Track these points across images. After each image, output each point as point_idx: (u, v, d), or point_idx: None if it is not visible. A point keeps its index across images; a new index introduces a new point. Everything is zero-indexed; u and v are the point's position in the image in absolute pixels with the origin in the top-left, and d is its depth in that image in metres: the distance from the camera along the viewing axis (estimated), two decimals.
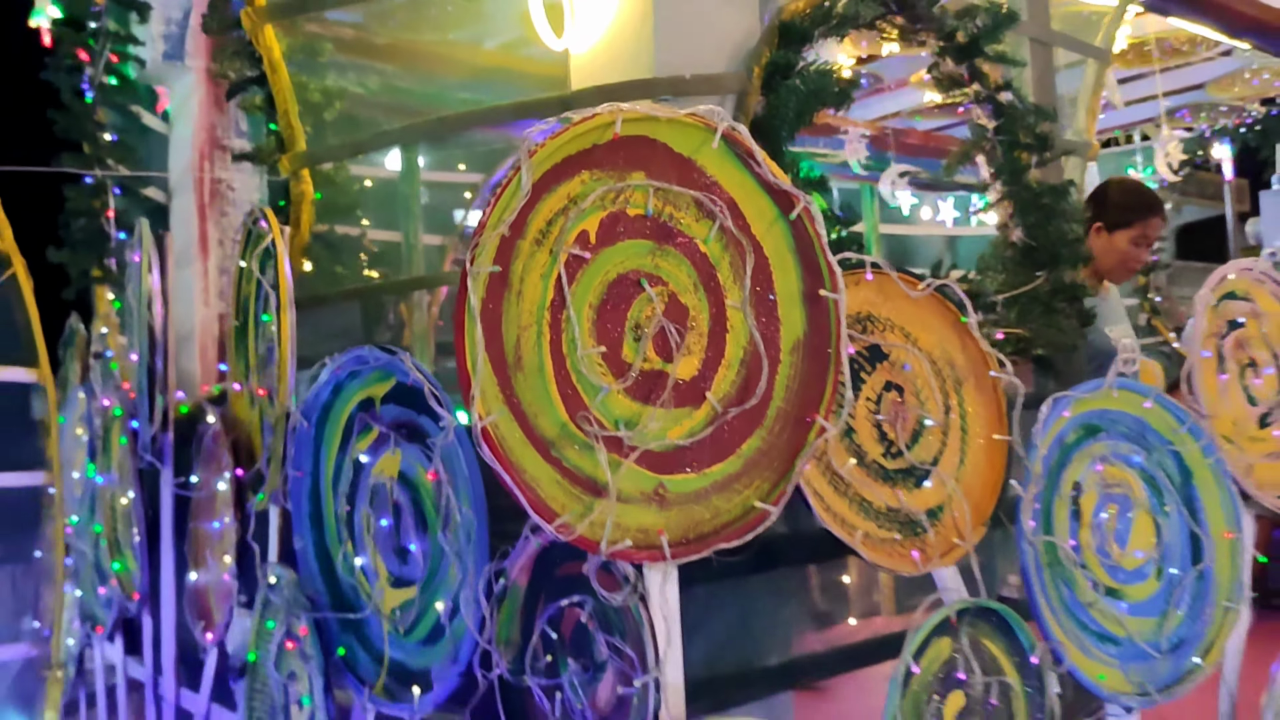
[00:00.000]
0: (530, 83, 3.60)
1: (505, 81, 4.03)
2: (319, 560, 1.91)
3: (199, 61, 3.83)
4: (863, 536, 1.71)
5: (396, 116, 4.13)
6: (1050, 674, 1.73)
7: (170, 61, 3.86)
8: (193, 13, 3.90)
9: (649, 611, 1.27)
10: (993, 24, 2.53)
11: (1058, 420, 1.97)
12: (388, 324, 4.63)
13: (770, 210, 1.35)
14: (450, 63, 3.57)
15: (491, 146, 4.47)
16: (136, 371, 2.65)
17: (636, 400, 1.26)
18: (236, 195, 3.91)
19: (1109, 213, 3.25)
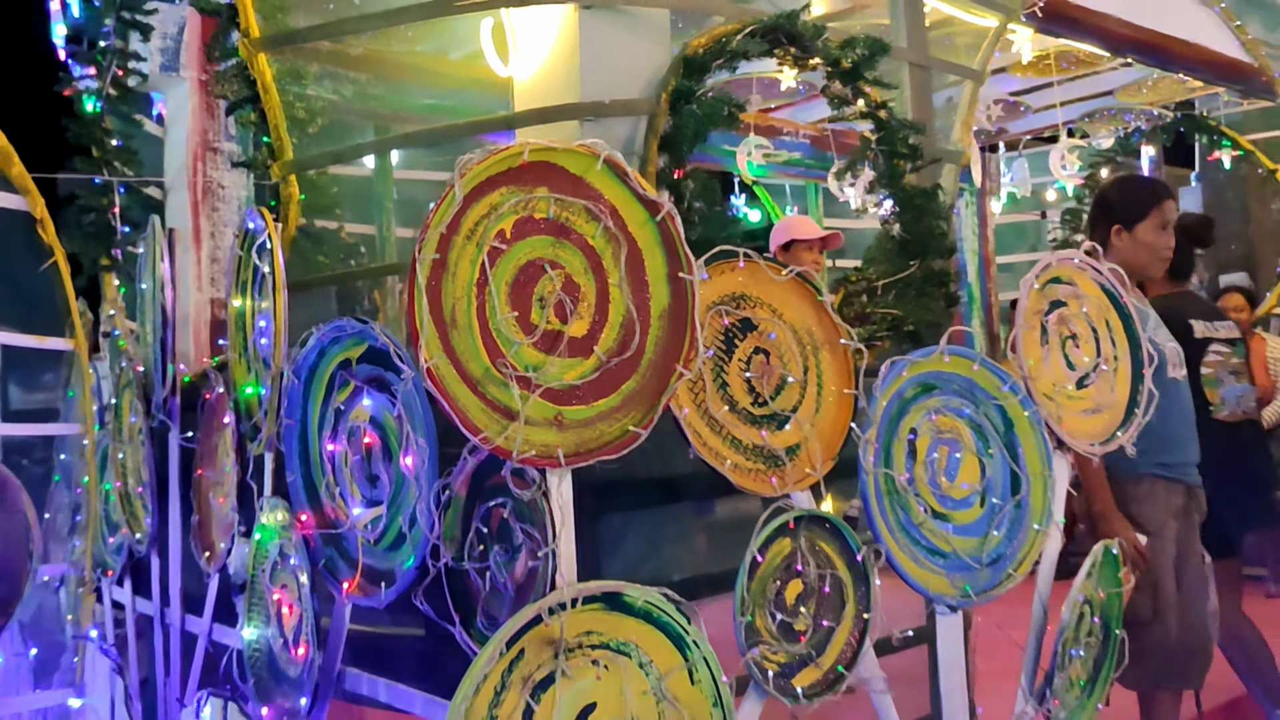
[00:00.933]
0: (488, 89, 4.05)
1: (466, 89, 4.47)
2: (306, 490, 2.39)
3: (192, 72, 4.28)
4: (731, 466, 2.21)
5: (371, 121, 4.59)
6: (874, 570, 2.23)
7: (167, 73, 4.31)
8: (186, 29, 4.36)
9: (550, 504, 1.76)
10: (870, 53, 3.02)
11: (897, 378, 2.47)
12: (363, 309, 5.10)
13: (641, 214, 1.84)
14: (418, 71, 4.03)
15: (456, 149, 4.92)
16: (150, 346, 3.12)
17: (540, 351, 1.75)
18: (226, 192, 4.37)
19: (1121, 210, 3.31)
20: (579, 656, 1.75)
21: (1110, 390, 2.90)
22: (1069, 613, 2.59)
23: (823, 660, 2.14)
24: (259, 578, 2.54)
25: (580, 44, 2.69)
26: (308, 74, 3.08)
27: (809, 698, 2.09)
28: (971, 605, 2.47)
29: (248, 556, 2.63)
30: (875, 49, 3.00)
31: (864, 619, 2.21)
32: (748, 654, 2.00)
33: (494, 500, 1.89)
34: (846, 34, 3.06)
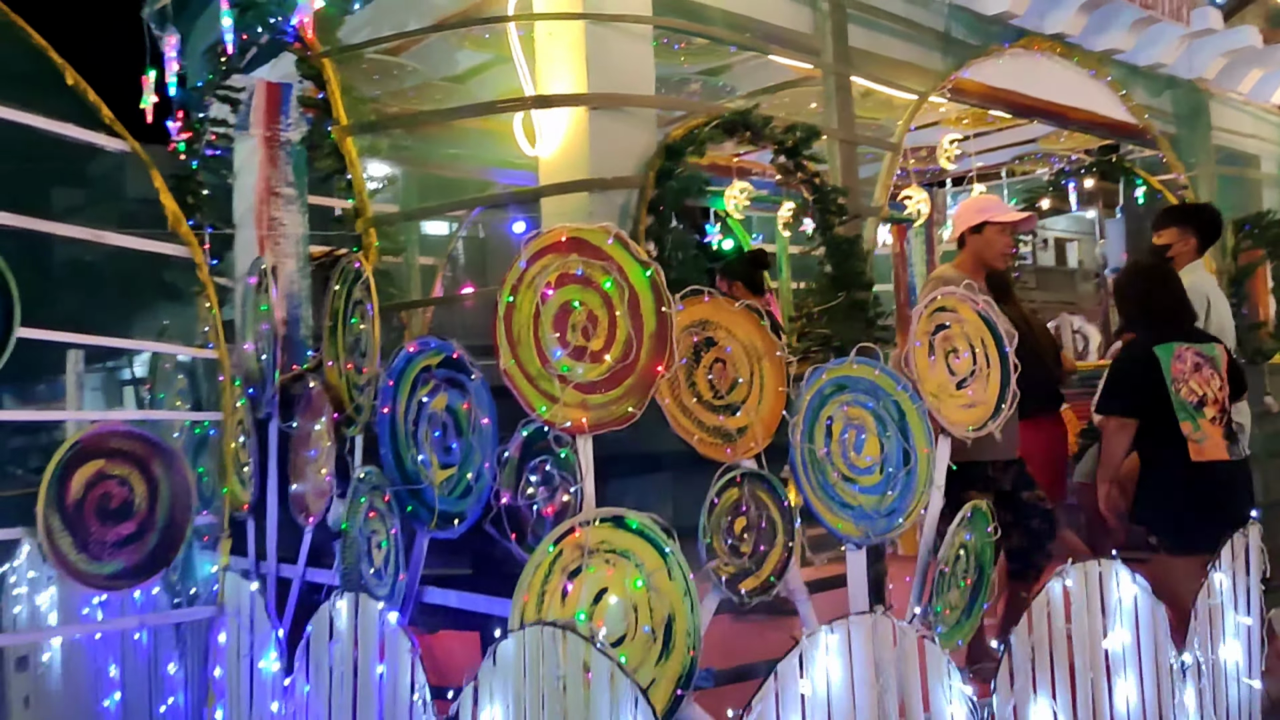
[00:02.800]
0: (520, 164, 4.91)
1: (502, 163, 5.36)
2: (394, 459, 3.33)
3: (259, 130, 5.21)
4: (698, 440, 3.16)
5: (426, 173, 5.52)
6: (796, 513, 3.19)
7: (239, 130, 5.25)
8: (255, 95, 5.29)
9: (579, 457, 2.72)
10: (805, 136, 4.00)
11: (818, 380, 3.44)
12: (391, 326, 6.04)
13: (639, 270, 2.81)
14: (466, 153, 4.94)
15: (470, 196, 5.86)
16: (252, 357, 4.05)
17: (572, 359, 2.72)
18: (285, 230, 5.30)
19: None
20: (596, 557, 2.71)
21: (984, 390, 3.88)
22: (945, 550, 3.56)
23: (760, 572, 3.10)
24: (356, 525, 3.48)
25: (589, 134, 3.64)
26: (381, 148, 4.02)
27: (750, 596, 3.05)
28: (870, 543, 3.44)
29: (342, 512, 3.57)
30: (809, 133, 3.99)
31: (789, 546, 3.18)
32: (707, 564, 2.96)
33: (539, 457, 2.85)
34: (789, 121, 4.04)
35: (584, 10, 3.65)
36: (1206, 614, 3.35)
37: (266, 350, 3.94)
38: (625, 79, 3.71)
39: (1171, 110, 6.19)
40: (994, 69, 5.17)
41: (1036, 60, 5.37)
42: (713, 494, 3.02)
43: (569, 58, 3.67)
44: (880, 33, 4.59)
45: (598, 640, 2.39)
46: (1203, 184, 6.31)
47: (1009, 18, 5.08)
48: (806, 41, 4.35)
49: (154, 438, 3.39)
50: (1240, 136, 6.74)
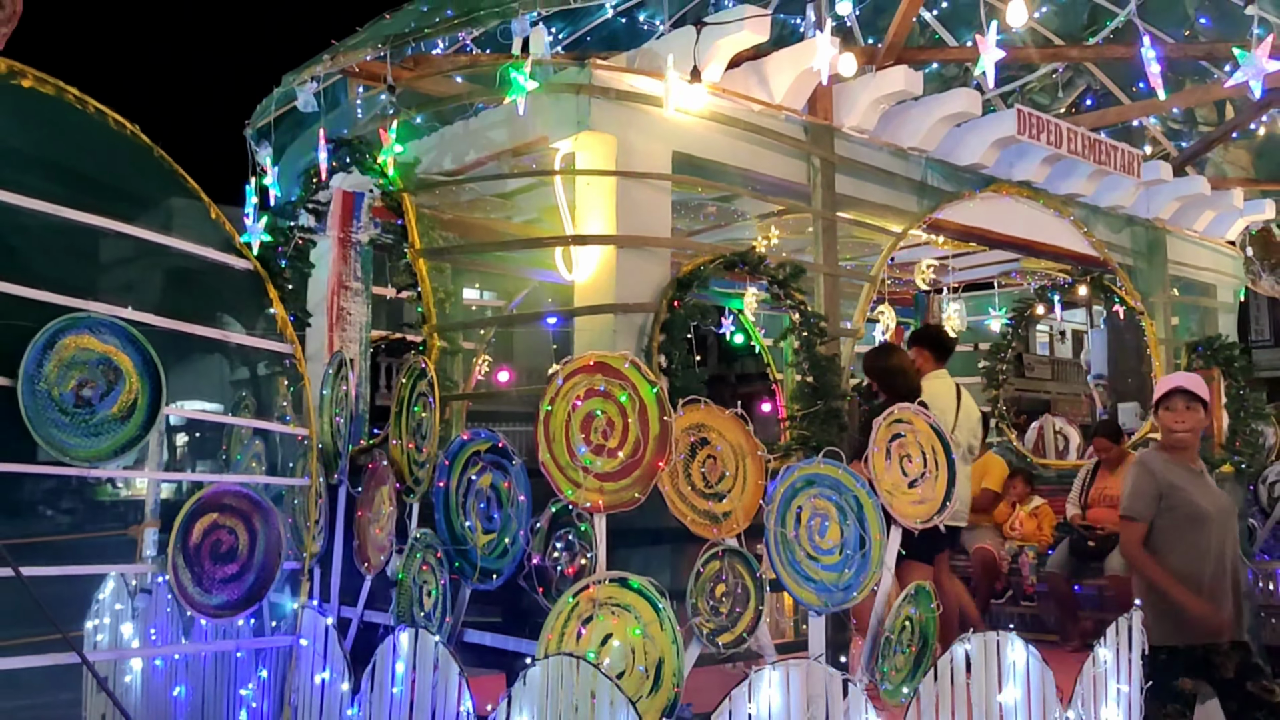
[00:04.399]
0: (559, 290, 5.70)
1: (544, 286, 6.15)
2: (446, 523, 4.15)
3: (334, 231, 6.10)
4: (691, 520, 3.97)
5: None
6: (765, 581, 3.97)
7: (317, 231, 6.15)
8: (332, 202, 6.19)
9: (595, 529, 3.53)
10: (793, 272, 4.85)
11: (789, 476, 4.24)
12: None
13: (646, 385, 3.64)
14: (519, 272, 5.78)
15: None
16: (327, 432, 4.89)
17: (593, 454, 3.54)
18: (352, 318, 6.17)
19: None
20: (604, 608, 3.51)
21: (932, 490, 4.67)
22: (891, 620, 4.33)
23: (735, 629, 3.89)
24: (411, 576, 4.29)
25: (616, 267, 4.50)
26: (445, 269, 4.88)
27: (726, 647, 3.83)
28: (829, 612, 4.22)
29: (399, 564, 4.38)
30: (796, 270, 4.84)
31: (759, 610, 3.96)
32: (691, 620, 3.75)
33: (563, 528, 3.66)
34: (780, 259, 4.89)
35: (617, 169, 4.52)
36: (1091, 680, 4.10)
37: (343, 427, 4.78)
38: (647, 222, 4.58)
39: (1130, 246, 7.02)
40: (967, 209, 6.02)
41: (1006, 201, 6.22)
42: (699, 564, 3.82)
43: (602, 204, 4.54)
44: (865, 180, 5.46)
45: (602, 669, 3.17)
46: (1158, 310, 7.11)
47: (980, 168, 5.94)
48: (800, 190, 5.22)
49: (256, 496, 4.22)
50: (1196, 269, 7.56)
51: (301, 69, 5.24)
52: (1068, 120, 7.16)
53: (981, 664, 3.78)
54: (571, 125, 4.53)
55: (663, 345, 4.43)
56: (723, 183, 5.01)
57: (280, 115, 5.94)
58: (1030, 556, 8.34)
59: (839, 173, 5.31)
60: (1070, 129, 6.02)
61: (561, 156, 4.69)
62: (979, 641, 3.81)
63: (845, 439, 5.03)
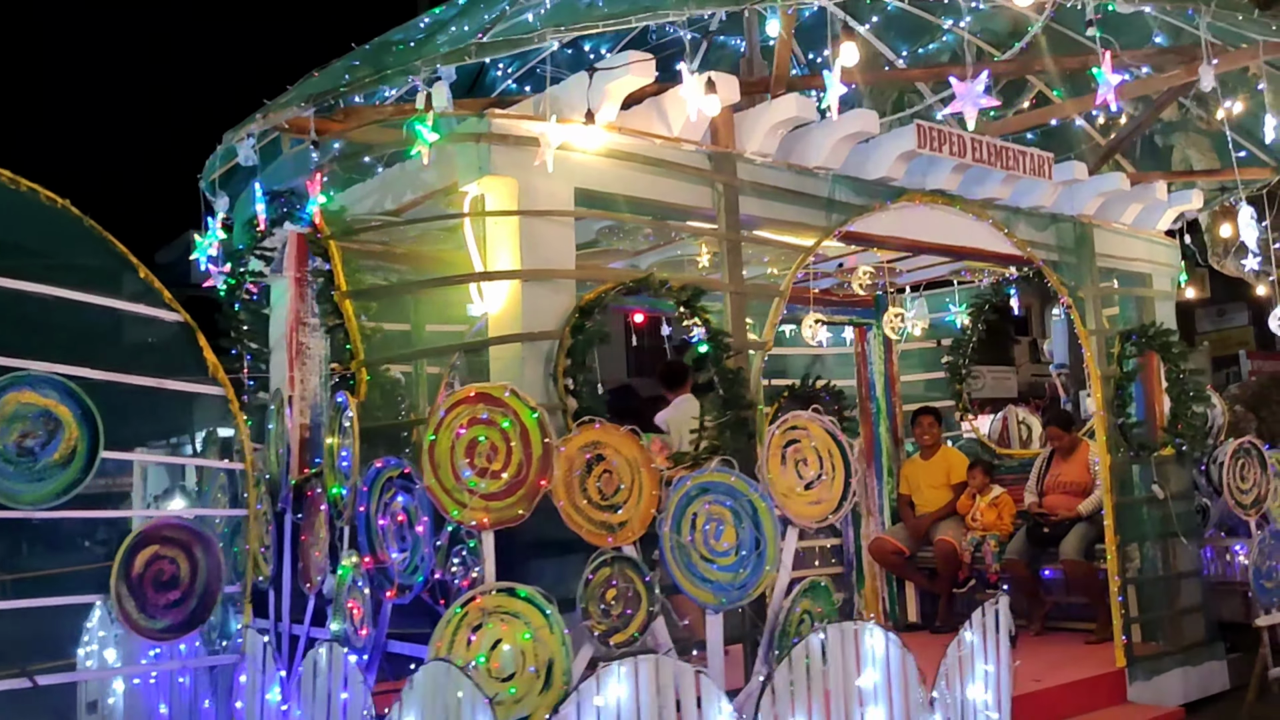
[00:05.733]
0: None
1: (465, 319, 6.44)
2: (369, 546, 4.53)
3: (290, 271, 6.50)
4: (586, 531, 4.33)
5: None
6: (656, 584, 4.32)
7: (274, 272, 6.54)
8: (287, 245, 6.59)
9: (483, 545, 3.90)
10: (696, 292, 5.19)
11: (683, 485, 4.59)
12: None
13: (527, 411, 4.01)
14: (432, 307, 6.07)
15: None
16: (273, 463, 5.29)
17: (478, 476, 3.91)
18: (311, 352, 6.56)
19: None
20: (494, 616, 3.88)
21: (829, 491, 5.00)
22: (783, 615, 4.66)
23: (626, 630, 4.24)
24: (342, 594, 4.67)
25: (523, 297, 4.86)
26: (372, 309, 5.27)
27: (618, 646, 4.18)
28: (725, 609, 4.56)
29: (335, 583, 4.77)
30: (697, 292, 5.18)
31: (651, 611, 4.31)
32: (582, 623, 4.11)
33: (458, 546, 4.03)
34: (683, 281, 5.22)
35: (519, 208, 4.89)
36: (956, 661, 4.43)
37: (283, 459, 5.17)
38: (551, 255, 4.94)
39: (1055, 242, 7.27)
40: (881, 219, 6.32)
41: (921, 209, 6.52)
42: (587, 572, 4.18)
43: (508, 242, 4.91)
44: (773, 200, 5.79)
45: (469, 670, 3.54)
46: (1088, 302, 7.37)
47: (890, 180, 6.25)
48: (705, 213, 5.56)
49: (196, 528, 4.63)
50: (1128, 260, 7.81)
51: (239, 127, 5.64)
52: (1015, 118, 7.51)
53: (839, 651, 4.11)
54: (475, 171, 4.90)
55: (568, 369, 4.78)
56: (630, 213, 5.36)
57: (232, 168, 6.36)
58: (992, 545, 8.63)
59: (746, 195, 5.64)
60: (975, 139, 6.30)
61: (470, 200, 5.06)
62: (835, 630, 4.15)
63: (754, 447, 5.36)
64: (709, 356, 5.29)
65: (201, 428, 6.00)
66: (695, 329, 5.26)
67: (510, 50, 4.85)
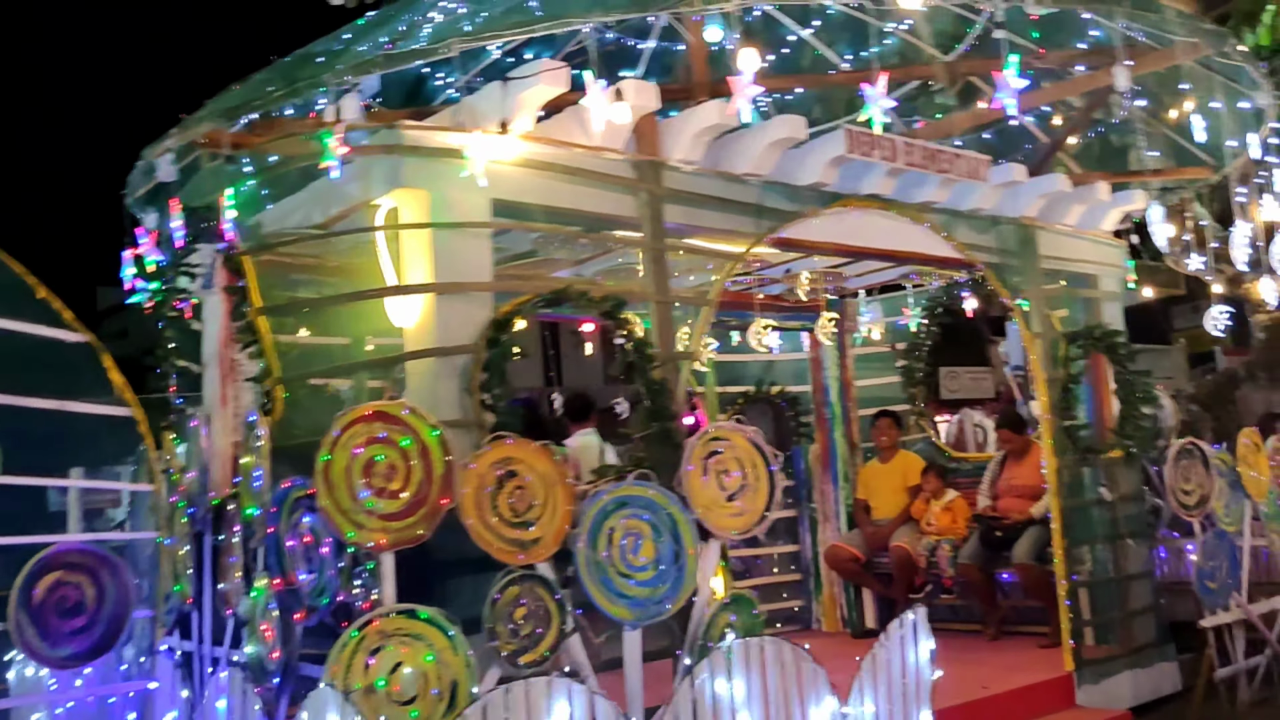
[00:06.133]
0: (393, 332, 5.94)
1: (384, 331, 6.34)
2: (278, 565, 4.44)
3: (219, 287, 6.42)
4: (496, 549, 4.25)
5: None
6: (569, 604, 4.25)
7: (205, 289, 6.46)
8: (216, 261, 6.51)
9: (382, 565, 3.82)
10: (618, 303, 5.13)
11: (599, 500, 4.52)
12: None
13: (427, 429, 3.93)
14: (351, 320, 5.98)
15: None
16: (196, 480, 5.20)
17: (376, 496, 3.83)
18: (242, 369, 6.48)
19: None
20: (394, 639, 3.80)
21: (752, 501, 4.93)
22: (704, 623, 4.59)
23: (537, 649, 4.17)
24: (256, 617, 4.59)
25: (435, 313, 4.78)
26: (288, 324, 5.19)
27: (528, 666, 4.11)
28: (642, 625, 4.49)
29: (249, 605, 4.68)
30: (619, 301, 5.11)
31: (563, 629, 4.24)
32: (489, 643, 4.03)
33: (359, 567, 3.95)
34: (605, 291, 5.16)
35: (434, 220, 4.82)
36: (871, 674, 4.37)
37: (200, 478, 5.09)
38: (467, 268, 4.87)
39: (997, 245, 7.23)
40: (816, 225, 6.27)
41: (857, 214, 6.47)
42: (494, 592, 4.10)
43: (422, 255, 4.84)
44: (701, 208, 5.73)
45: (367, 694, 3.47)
46: (1033, 306, 7.33)
47: (822, 186, 6.20)
48: (631, 222, 5.50)
49: (102, 552, 4.54)
50: (1074, 261, 7.78)
51: (157, 143, 5.56)
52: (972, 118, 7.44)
53: (743, 665, 4.05)
54: (387, 183, 4.83)
55: (484, 384, 4.71)
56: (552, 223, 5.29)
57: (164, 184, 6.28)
58: (947, 550, 8.59)
59: (673, 203, 5.58)
60: (907, 143, 6.26)
61: (385, 213, 4.99)
62: (740, 646, 4.08)
63: (680, 458, 5.29)
64: (635, 367, 5.22)
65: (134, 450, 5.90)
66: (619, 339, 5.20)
67: (416, 61, 4.78)
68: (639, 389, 5.29)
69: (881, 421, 9.32)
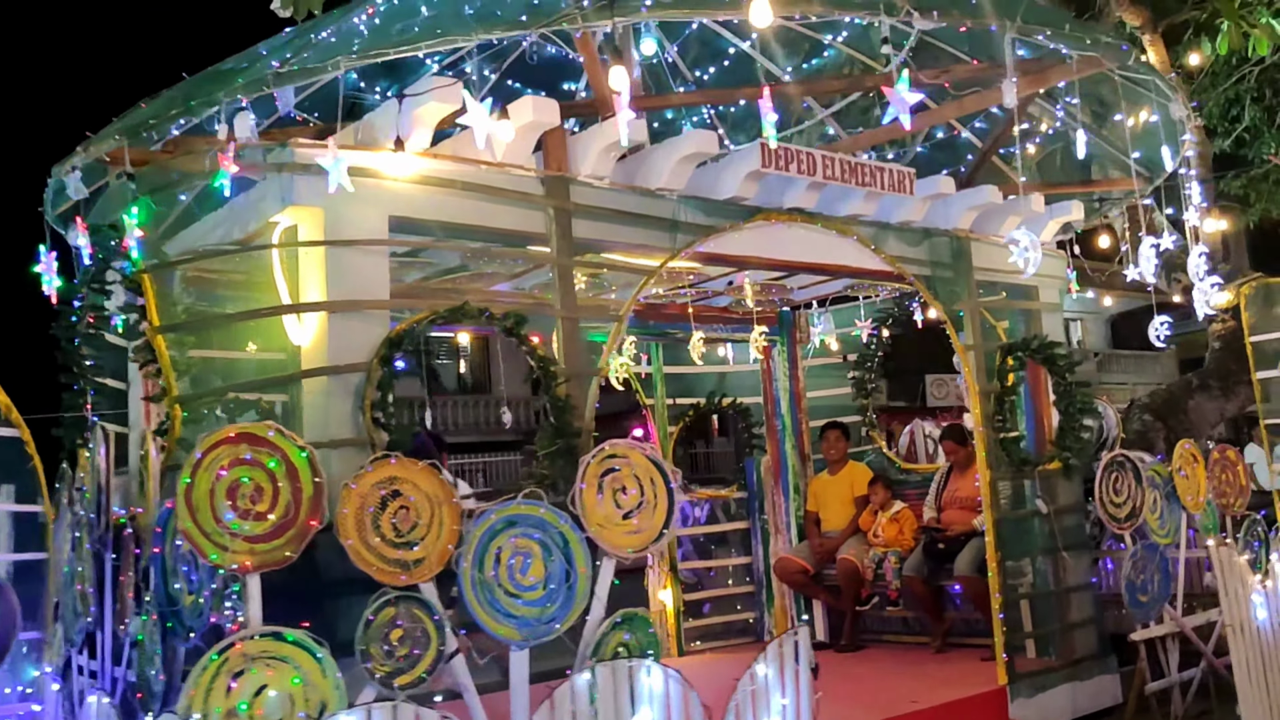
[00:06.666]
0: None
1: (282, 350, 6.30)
2: (164, 586, 4.42)
3: None
4: (376, 570, 4.23)
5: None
6: (448, 624, 4.22)
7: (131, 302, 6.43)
8: None
9: (248, 588, 3.80)
10: (518, 320, 5.11)
11: (487, 519, 4.49)
12: None
13: (296, 450, 3.91)
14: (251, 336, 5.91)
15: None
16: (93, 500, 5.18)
17: (240, 518, 3.81)
18: None
19: None
20: (259, 661, 3.77)
21: (650, 519, 4.90)
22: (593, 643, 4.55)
23: (414, 670, 4.14)
24: (145, 638, 4.56)
25: (329, 329, 4.76)
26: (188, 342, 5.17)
27: (403, 688, 4.08)
28: (529, 645, 4.46)
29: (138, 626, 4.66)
30: (519, 319, 5.09)
31: (441, 650, 4.21)
32: (362, 665, 4.01)
33: (227, 588, 3.93)
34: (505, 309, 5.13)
35: (328, 238, 4.80)
36: (749, 695, 4.33)
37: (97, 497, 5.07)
38: (362, 285, 4.85)
39: (929, 257, 7.20)
40: (737, 239, 6.24)
41: (780, 228, 6.45)
42: (368, 613, 4.08)
43: (316, 273, 4.83)
44: (614, 223, 5.71)
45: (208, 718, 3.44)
46: (968, 319, 7.30)
47: (741, 200, 6.18)
48: (542, 238, 5.48)
49: None
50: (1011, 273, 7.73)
51: (65, 160, 5.55)
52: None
53: (610, 691, 4.02)
54: (281, 201, 4.81)
55: (377, 403, 4.69)
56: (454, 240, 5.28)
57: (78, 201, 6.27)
58: (893, 562, 8.56)
59: (584, 218, 5.56)
60: (826, 156, 6.24)
61: (281, 231, 4.98)
62: (605, 669, 4.05)
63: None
64: (540, 383, 5.21)
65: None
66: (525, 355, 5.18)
67: (304, 80, 4.77)
68: (544, 405, 5.27)
69: (830, 433, 9.30)
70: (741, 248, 6.34)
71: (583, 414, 5.27)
